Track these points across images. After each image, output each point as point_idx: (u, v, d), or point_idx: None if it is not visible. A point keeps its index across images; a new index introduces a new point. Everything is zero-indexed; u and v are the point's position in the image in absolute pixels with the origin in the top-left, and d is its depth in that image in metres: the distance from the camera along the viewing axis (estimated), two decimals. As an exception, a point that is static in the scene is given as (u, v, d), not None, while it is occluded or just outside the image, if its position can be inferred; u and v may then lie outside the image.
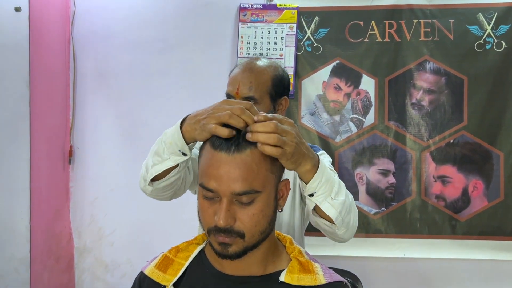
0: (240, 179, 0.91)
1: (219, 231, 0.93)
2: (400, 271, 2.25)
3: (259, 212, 0.94)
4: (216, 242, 0.95)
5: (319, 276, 1.01)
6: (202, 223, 0.98)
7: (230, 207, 0.92)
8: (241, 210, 0.93)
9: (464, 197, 2.23)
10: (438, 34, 2.26)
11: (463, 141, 2.23)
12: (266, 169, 0.95)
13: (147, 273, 1.08)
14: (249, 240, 0.95)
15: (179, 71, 2.40)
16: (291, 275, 1.00)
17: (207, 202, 0.95)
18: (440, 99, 2.26)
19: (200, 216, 0.98)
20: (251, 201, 0.93)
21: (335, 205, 1.05)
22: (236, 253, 0.95)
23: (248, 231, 0.94)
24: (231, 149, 0.91)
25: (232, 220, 0.92)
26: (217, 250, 0.96)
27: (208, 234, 0.96)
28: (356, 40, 2.30)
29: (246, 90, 1.41)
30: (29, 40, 2.06)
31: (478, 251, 2.20)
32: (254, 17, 2.35)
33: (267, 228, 0.97)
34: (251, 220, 0.93)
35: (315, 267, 1.02)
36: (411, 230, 2.24)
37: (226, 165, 0.91)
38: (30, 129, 2.07)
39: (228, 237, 0.93)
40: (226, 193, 0.91)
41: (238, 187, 0.91)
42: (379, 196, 2.27)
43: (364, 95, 2.29)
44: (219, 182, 0.91)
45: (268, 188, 0.95)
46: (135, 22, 2.41)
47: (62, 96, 2.37)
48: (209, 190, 0.93)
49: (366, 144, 2.28)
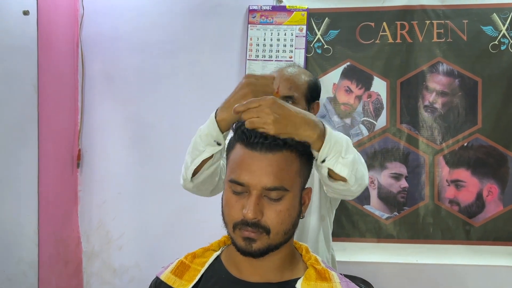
0: (271, 174, 0.95)
1: (246, 225, 0.95)
2: (413, 277, 2.21)
3: (285, 210, 0.96)
4: (241, 237, 0.96)
5: (336, 284, 1.00)
6: (227, 219, 0.99)
7: (259, 201, 0.95)
8: (269, 206, 0.96)
9: (478, 202, 2.18)
10: (451, 35, 2.21)
11: (477, 144, 2.19)
12: (295, 171, 0.98)
13: (163, 278, 1.08)
14: (274, 238, 0.96)
15: (188, 74, 2.38)
16: (308, 283, 1.00)
17: (235, 197, 0.97)
18: (454, 102, 2.22)
19: (225, 212, 1.00)
20: (279, 198, 0.96)
21: (347, 164, 1.08)
22: (260, 249, 0.96)
23: (274, 227, 0.96)
24: (263, 149, 0.96)
25: (260, 214, 0.95)
26: (240, 246, 0.97)
27: (233, 229, 0.97)
28: (367, 42, 2.26)
29: (286, 89, 1.51)
30: (37, 43, 2.06)
31: (493, 257, 2.15)
32: (263, 19, 2.32)
33: (291, 229, 0.99)
34: (278, 216, 0.96)
35: (331, 275, 1.02)
36: (424, 235, 2.20)
37: (259, 161, 0.96)
38: (38, 132, 2.06)
39: (254, 232, 0.95)
40: (257, 187, 0.95)
41: (269, 181, 0.94)
42: (391, 200, 2.22)
43: (376, 97, 2.26)
44: (251, 176, 0.95)
45: (295, 189, 0.99)
46: (143, 25, 2.40)
47: (70, 99, 2.37)
48: (239, 184, 0.96)
49: (378, 148, 2.24)
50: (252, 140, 0.97)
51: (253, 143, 0.97)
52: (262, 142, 0.96)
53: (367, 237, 2.23)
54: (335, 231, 2.24)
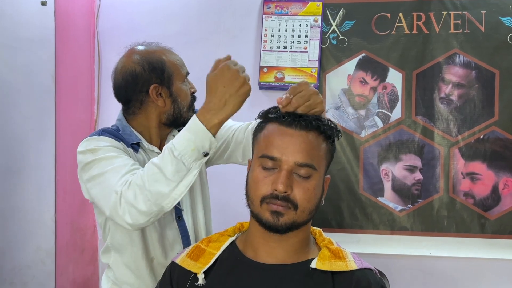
0: (304, 151, 1.00)
1: (275, 198, 0.99)
2: (426, 269, 2.21)
3: (312, 189, 1.01)
4: (268, 211, 1.00)
5: (350, 263, 1.04)
6: (254, 195, 1.02)
7: (289, 176, 0.99)
8: (298, 183, 1.00)
9: (494, 195, 2.16)
10: (469, 26, 2.18)
11: (493, 137, 2.16)
12: (323, 152, 1.04)
13: (178, 262, 1.11)
14: (300, 215, 1.00)
15: (203, 65, 2.35)
16: (323, 262, 1.03)
17: (265, 173, 1.01)
18: (470, 94, 2.19)
19: (252, 188, 1.03)
20: (308, 176, 1.00)
21: None
22: (286, 224, 0.99)
23: (301, 203, 1.00)
24: (298, 126, 1.01)
25: (290, 188, 0.99)
26: (268, 220, 1.00)
27: (261, 203, 1.00)
28: (382, 33, 2.25)
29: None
30: (55, 34, 2.08)
31: (508, 251, 2.13)
32: (278, 9, 2.32)
33: (314, 210, 1.03)
34: (305, 193, 1.00)
35: (345, 254, 1.06)
36: (438, 228, 2.19)
37: (292, 137, 1.00)
38: (55, 123, 2.09)
39: (283, 205, 0.99)
40: (289, 162, 0.99)
41: (301, 157, 0.99)
42: (405, 192, 2.21)
43: (391, 89, 2.24)
44: (283, 151, 0.99)
45: (321, 170, 1.03)
46: (159, 16, 2.41)
47: (87, 90, 2.39)
48: (271, 159, 1.00)
49: (393, 140, 2.23)
50: (288, 117, 1.02)
51: (289, 120, 1.02)
52: (298, 120, 1.01)
53: (380, 229, 2.23)
54: (349, 223, 2.25)
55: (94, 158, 1.28)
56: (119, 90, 1.43)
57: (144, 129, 1.42)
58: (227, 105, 1.12)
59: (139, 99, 1.40)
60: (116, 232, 1.37)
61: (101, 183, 1.24)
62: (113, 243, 1.40)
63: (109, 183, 1.21)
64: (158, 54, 1.41)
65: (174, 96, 1.40)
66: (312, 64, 2.26)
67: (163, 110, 1.40)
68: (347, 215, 2.25)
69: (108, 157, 1.27)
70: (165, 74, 1.39)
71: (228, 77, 1.13)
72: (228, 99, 1.12)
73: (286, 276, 1.02)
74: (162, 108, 1.39)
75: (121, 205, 1.15)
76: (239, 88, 1.12)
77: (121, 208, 1.15)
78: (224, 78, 1.13)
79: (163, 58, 1.40)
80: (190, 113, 1.44)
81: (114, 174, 1.22)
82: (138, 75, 1.38)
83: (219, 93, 1.13)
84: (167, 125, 1.43)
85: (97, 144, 1.32)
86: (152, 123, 1.41)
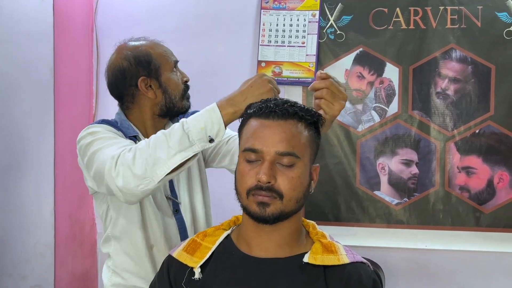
0: (284, 140, 1.01)
1: (260, 189, 1.00)
2: (422, 262, 2.23)
3: (297, 177, 1.02)
4: (254, 202, 1.01)
5: (342, 256, 1.05)
6: (241, 188, 1.04)
7: (272, 167, 1.01)
8: (281, 172, 1.01)
9: (489, 189, 2.18)
10: (465, 21, 2.20)
11: (489, 131, 2.18)
12: (305, 140, 1.04)
13: (175, 255, 1.13)
14: (286, 204, 1.01)
15: (201, 60, 2.39)
16: (315, 256, 1.04)
17: (249, 165, 1.03)
18: (466, 88, 2.21)
19: (239, 181, 1.05)
20: (291, 165, 1.02)
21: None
22: (274, 214, 1.01)
23: (286, 193, 1.01)
24: (275, 116, 1.03)
25: (273, 178, 1.00)
26: (255, 211, 1.02)
27: (247, 196, 1.02)
28: (380, 28, 2.26)
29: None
30: (54, 29, 2.08)
31: (503, 244, 2.16)
32: (276, 4, 2.32)
33: (302, 199, 1.04)
34: (290, 182, 1.01)
35: (337, 247, 1.07)
36: (434, 222, 2.21)
37: (271, 128, 1.02)
38: (54, 116, 2.10)
39: (268, 196, 1.00)
40: (270, 152, 1.01)
41: (281, 147, 1.01)
42: (402, 186, 2.24)
43: (388, 83, 2.26)
44: (264, 142, 1.01)
45: (305, 158, 1.04)
46: (157, 11, 2.41)
47: (86, 84, 2.40)
48: (253, 151, 1.02)
49: (389, 134, 2.25)
50: (265, 110, 1.04)
51: (266, 112, 1.04)
52: (274, 110, 1.03)
53: (377, 222, 2.25)
54: (345, 216, 2.27)
55: (93, 138, 1.32)
56: (112, 86, 1.47)
57: (140, 123, 1.46)
58: (246, 101, 1.16)
59: (130, 93, 1.43)
60: (117, 222, 1.41)
61: (99, 157, 1.27)
62: (113, 232, 1.43)
63: (107, 152, 1.24)
64: (144, 47, 1.44)
65: (164, 86, 1.42)
66: (310, 58, 2.27)
67: (155, 101, 1.43)
68: (344, 208, 2.27)
69: (107, 137, 1.31)
70: (151, 66, 1.41)
71: (258, 81, 1.20)
72: (248, 97, 1.18)
73: (279, 270, 1.04)
74: (154, 100, 1.42)
75: (116, 168, 1.17)
76: (262, 93, 1.18)
77: (115, 170, 1.17)
78: (255, 81, 1.21)
79: (149, 51, 1.43)
80: (184, 101, 1.47)
81: (113, 147, 1.25)
82: (125, 70, 1.41)
83: (244, 90, 1.20)
84: (162, 116, 1.46)
85: (96, 128, 1.37)
86: (146, 115, 1.44)
